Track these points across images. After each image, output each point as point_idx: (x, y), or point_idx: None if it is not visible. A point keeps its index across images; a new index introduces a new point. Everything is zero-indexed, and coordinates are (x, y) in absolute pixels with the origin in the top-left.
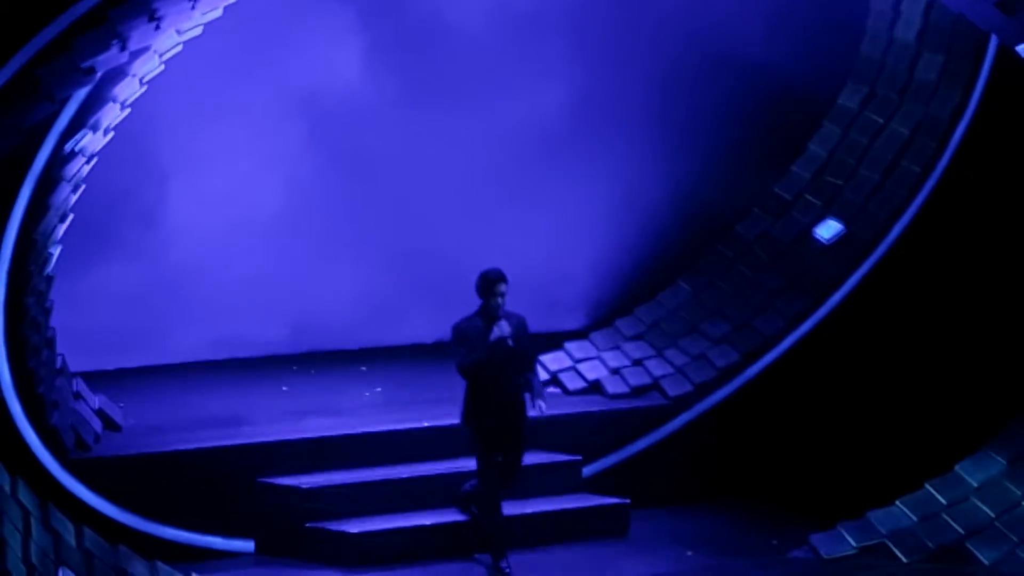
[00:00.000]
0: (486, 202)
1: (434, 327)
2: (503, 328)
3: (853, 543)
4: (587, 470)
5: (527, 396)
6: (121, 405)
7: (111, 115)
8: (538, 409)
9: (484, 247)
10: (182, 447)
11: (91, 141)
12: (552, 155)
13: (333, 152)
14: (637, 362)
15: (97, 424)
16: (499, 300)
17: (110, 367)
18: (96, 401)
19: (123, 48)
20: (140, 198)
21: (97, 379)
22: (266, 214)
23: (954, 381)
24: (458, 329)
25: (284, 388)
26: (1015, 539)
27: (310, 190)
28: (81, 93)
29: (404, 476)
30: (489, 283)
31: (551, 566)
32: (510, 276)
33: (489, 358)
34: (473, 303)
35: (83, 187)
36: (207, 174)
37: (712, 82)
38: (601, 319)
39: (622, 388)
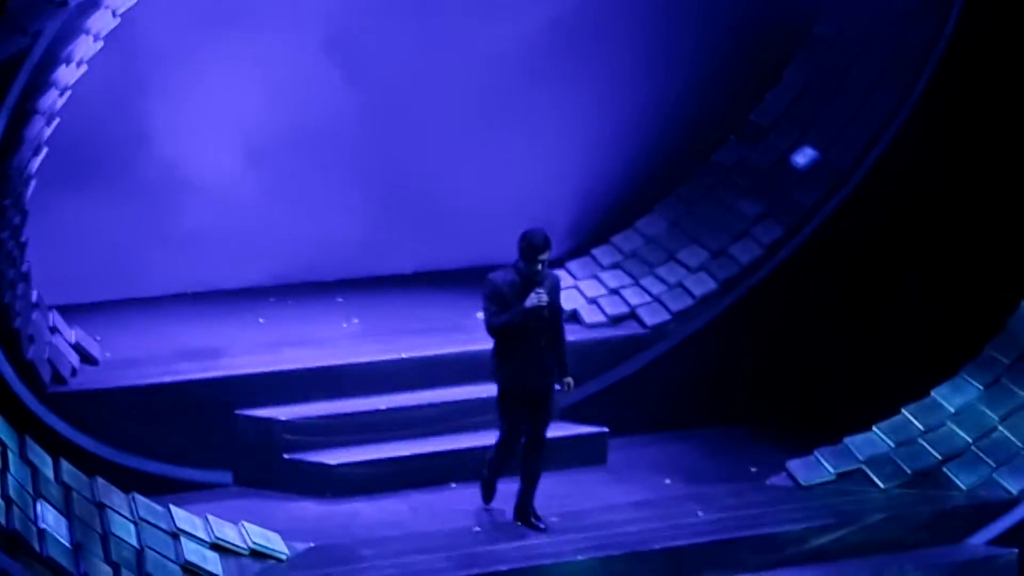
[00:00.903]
0: (462, 130)
1: (412, 258)
2: (541, 297)
3: (830, 469)
4: (565, 399)
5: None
6: (98, 338)
7: (85, 48)
8: (565, 387)
9: (460, 175)
10: (159, 380)
11: (65, 74)
12: (528, 83)
13: (308, 83)
14: (614, 291)
15: (74, 358)
16: (540, 267)
17: (86, 301)
18: (73, 335)
19: None
20: (115, 132)
21: (73, 313)
22: (242, 148)
23: (930, 307)
24: (492, 284)
25: (261, 320)
26: (992, 464)
27: (284, 123)
28: (54, 25)
29: (382, 407)
30: (533, 249)
31: None
32: (485, 206)
33: (522, 322)
34: (450, 230)
35: (57, 120)
36: (182, 109)
37: (689, 10)
38: (577, 248)
39: (599, 317)
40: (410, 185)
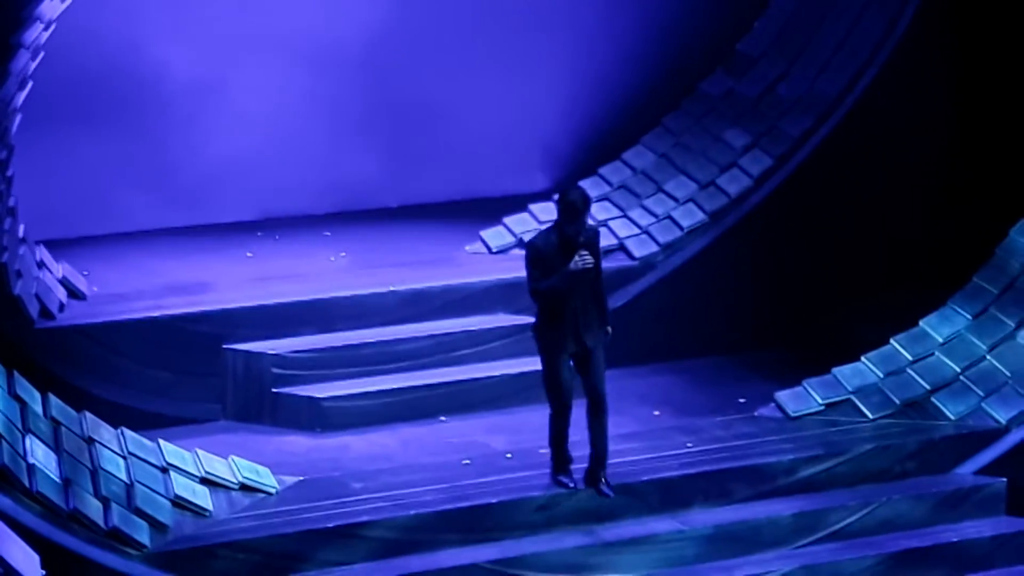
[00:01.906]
0: (449, 64)
1: (398, 191)
2: (585, 260)
3: (819, 400)
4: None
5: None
6: (85, 273)
7: None
8: (604, 335)
9: (447, 109)
10: (147, 315)
11: (49, 8)
12: (516, 17)
13: (295, 19)
14: (602, 223)
15: (61, 293)
16: (581, 224)
17: (73, 236)
18: (60, 270)
19: None
20: (101, 66)
21: (60, 248)
22: (228, 84)
23: (918, 236)
24: (535, 248)
25: (248, 254)
26: (980, 393)
27: (270, 56)
28: None
29: (371, 340)
30: (572, 209)
31: (519, 427)
32: (472, 138)
33: (568, 286)
34: (437, 164)
35: (42, 54)
36: (169, 43)
37: None
38: (566, 180)
39: None
40: (397, 119)
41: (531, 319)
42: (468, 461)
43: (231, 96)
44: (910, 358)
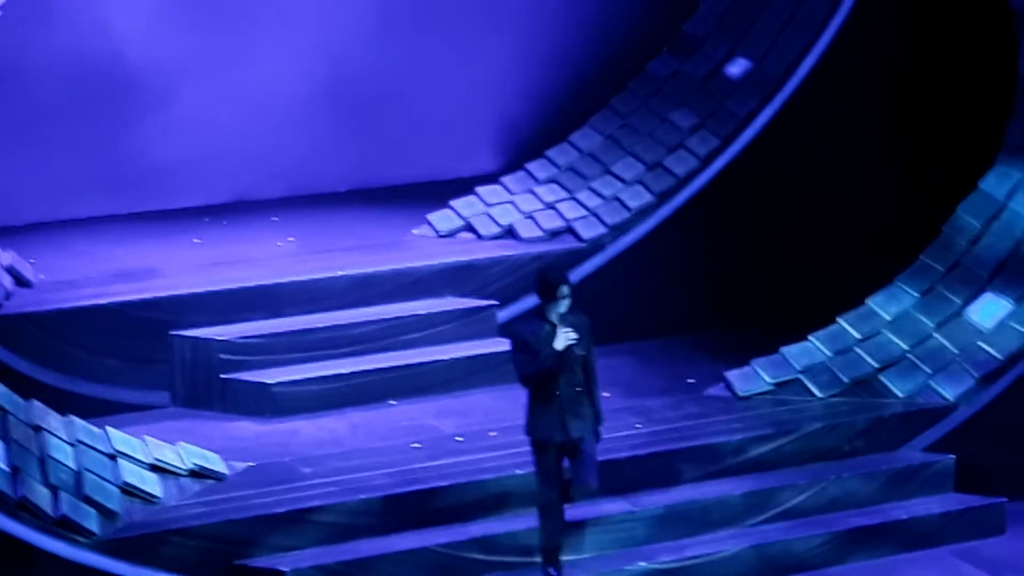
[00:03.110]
0: (395, 48)
1: (345, 176)
2: (570, 335)
3: (768, 379)
4: (502, 315)
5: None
6: (31, 261)
7: None
8: (597, 435)
9: (393, 93)
10: (94, 302)
11: None
12: None
13: (242, 3)
14: (550, 205)
15: (7, 280)
16: (563, 304)
17: (19, 223)
18: (7, 257)
19: None
20: (44, 48)
21: (6, 235)
22: (173, 67)
23: (865, 215)
24: (517, 334)
25: (196, 240)
26: (928, 371)
27: (216, 42)
28: None
29: (319, 325)
30: (550, 287)
31: (468, 410)
32: (418, 121)
33: (555, 367)
34: (384, 148)
35: None
36: (110, 26)
37: None
38: (512, 163)
39: (536, 232)
40: (343, 103)
41: (480, 302)
42: (418, 445)
43: (178, 83)
44: (858, 336)
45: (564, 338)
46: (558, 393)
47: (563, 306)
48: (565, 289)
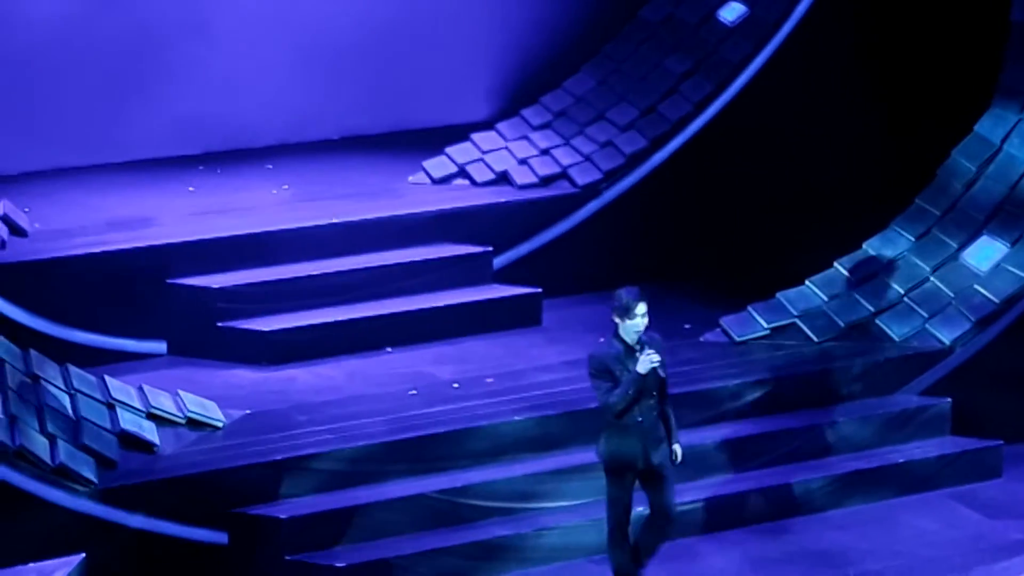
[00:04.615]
0: None
1: (340, 123)
2: (652, 357)
3: (764, 324)
4: (498, 261)
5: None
6: (26, 210)
7: None
8: (672, 456)
9: (389, 37)
10: (90, 251)
11: None
12: None
13: None
14: (545, 151)
15: (2, 230)
16: (641, 323)
17: (14, 172)
18: (0, 207)
19: None
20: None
21: (0, 184)
22: (167, 17)
23: (860, 158)
24: (598, 361)
25: (191, 189)
26: (924, 314)
27: None
28: None
29: (315, 273)
30: (627, 306)
31: (465, 357)
32: (412, 68)
33: (638, 391)
34: (377, 95)
35: None
36: None
37: None
38: (506, 109)
39: (530, 178)
40: (338, 50)
41: (475, 249)
42: (415, 391)
43: (172, 33)
44: (854, 280)
45: (647, 361)
46: (640, 419)
47: (641, 325)
48: (643, 307)
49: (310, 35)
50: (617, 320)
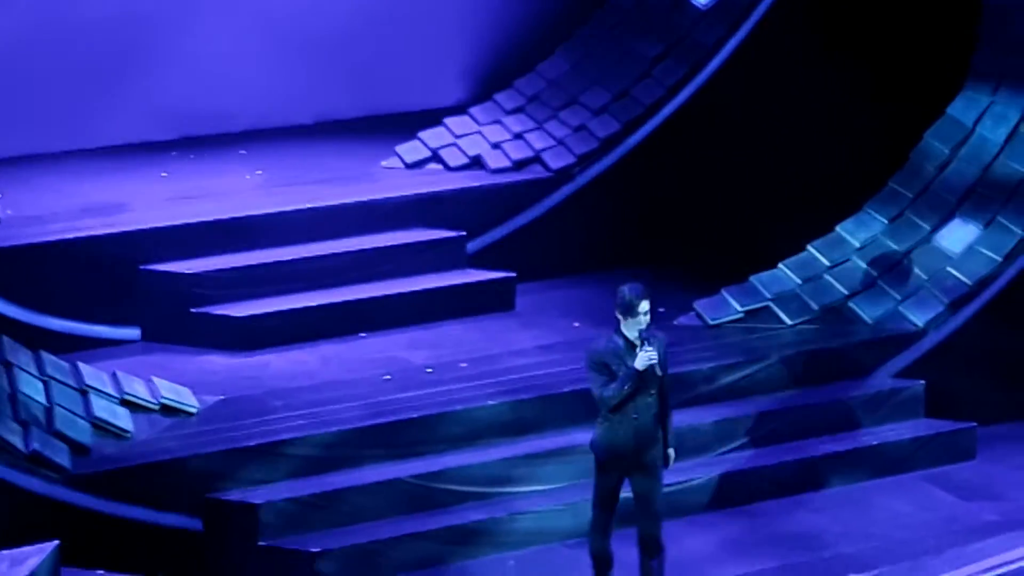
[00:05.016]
0: None
1: (313, 108)
2: (651, 355)
3: (738, 307)
4: (471, 245)
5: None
6: None
7: None
8: (665, 459)
9: (362, 21)
10: (63, 236)
11: None
12: None
13: None
14: (518, 135)
15: None
16: (643, 321)
17: None
18: None
19: None
20: None
21: None
22: (139, 1)
23: (833, 142)
24: (596, 354)
25: (164, 174)
26: (897, 297)
27: None
28: None
29: (289, 258)
30: (630, 303)
31: (438, 342)
32: (386, 53)
33: (634, 388)
34: (350, 79)
35: None
36: None
37: None
38: (479, 93)
39: (504, 162)
40: (311, 35)
41: (449, 233)
42: (389, 376)
43: (145, 20)
44: (827, 263)
45: (645, 357)
46: (635, 416)
47: (643, 323)
48: (645, 305)
49: (283, 21)
50: (620, 317)
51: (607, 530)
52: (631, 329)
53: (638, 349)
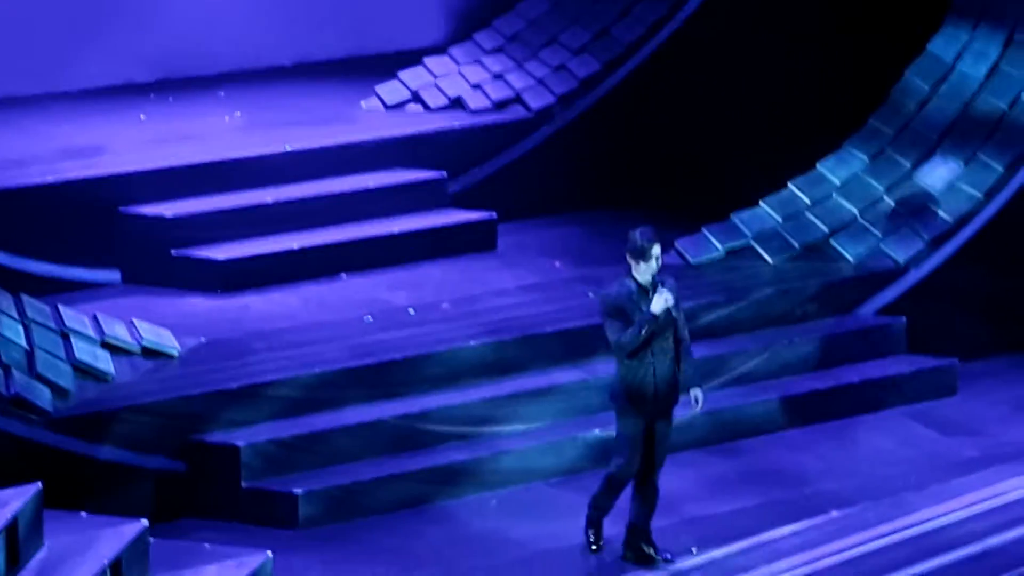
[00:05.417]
0: None
1: (292, 49)
2: (667, 297)
3: (719, 246)
4: (452, 186)
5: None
6: None
7: None
8: (693, 400)
9: None
10: (42, 180)
11: None
12: None
13: None
14: (498, 76)
15: None
16: (656, 264)
17: None
18: None
19: None
20: None
21: None
22: None
23: (814, 79)
24: (611, 301)
25: (142, 117)
26: (878, 234)
27: None
28: None
29: (269, 200)
30: (642, 247)
31: (420, 282)
32: None
33: (650, 332)
34: (328, 20)
35: None
36: None
37: None
38: (459, 33)
39: (484, 103)
40: None
41: (429, 174)
42: (370, 318)
43: None
44: (808, 201)
45: (661, 301)
46: (652, 360)
47: (655, 267)
48: (657, 249)
49: None
50: (632, 262)
51: (615, 496)
52: (644, 274)
53: (651, 293)
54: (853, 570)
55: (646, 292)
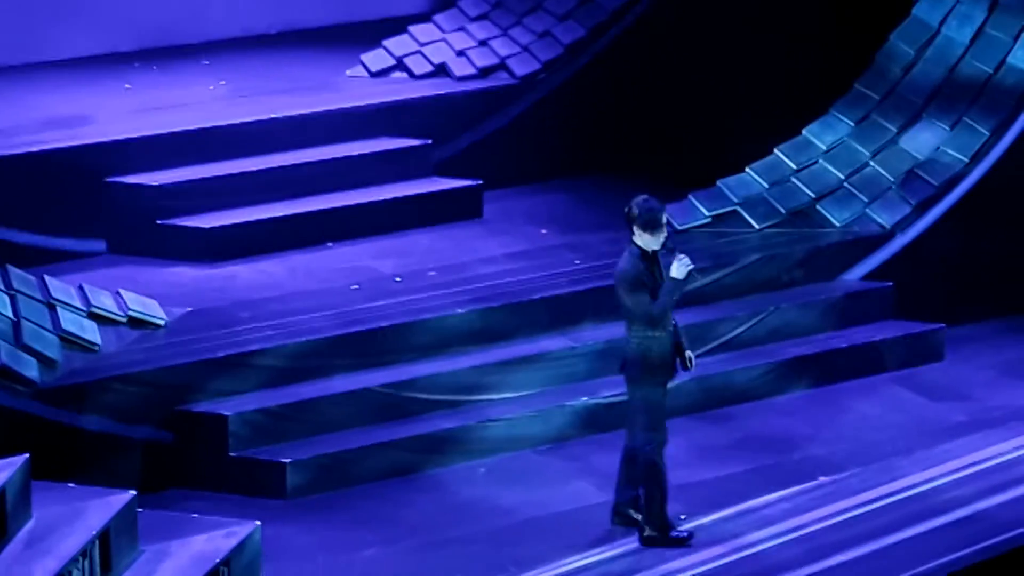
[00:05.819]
0: None
1: (276, 17)
2: (686, 261)
3: (705, 212)
4: (438, 153)
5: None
6: None
7: None
8: (688, 363)
9: None
10: (26, 150)
11: None
12: None
13: None
14: (483, 42)
15: None
16: (665, 231)
17: None
18: None
19: None
20: None
21: None
22: None
23: (800, 45)
24: (632, 275)
25: (127, 86)
26: (864, 199)
27: None
28: None
29: (254, 168)
30: (655, 219)
31: (406, 250)
32: None
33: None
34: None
35: None
36: None
37: None
38: (443, 0)
39: (469, 70)
40: None
41: (415, 141)
42: (357, 286)
43: None
44: (794, 167)
45: (683, 266)
46: (671, 326)
47: (665, 233)
48: (664, 216)
49: None
50: (639, 230)
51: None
52: (653, 243)
53: (664, 260)
54: (842, 535)
55: (653, 260)
